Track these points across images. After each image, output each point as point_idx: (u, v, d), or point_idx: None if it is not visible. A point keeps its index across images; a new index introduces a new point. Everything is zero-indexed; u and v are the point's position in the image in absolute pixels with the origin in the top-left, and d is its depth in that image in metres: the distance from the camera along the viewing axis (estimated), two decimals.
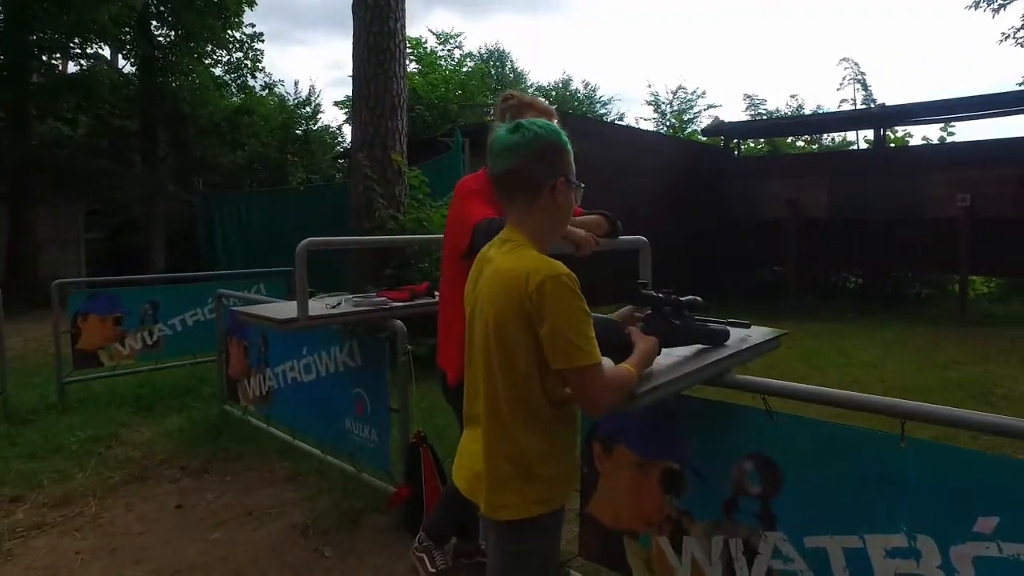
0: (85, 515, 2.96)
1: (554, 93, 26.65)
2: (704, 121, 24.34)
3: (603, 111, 27.22)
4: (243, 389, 3.99)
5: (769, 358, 6.29)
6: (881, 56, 41.56)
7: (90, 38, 12.17)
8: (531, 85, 27.34)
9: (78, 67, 13.06)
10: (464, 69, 23.44)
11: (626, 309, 1.67)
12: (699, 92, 25.99)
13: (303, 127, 20.32)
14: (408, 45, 21.90)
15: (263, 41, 17.52)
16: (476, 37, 55.52)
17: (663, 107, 25.18)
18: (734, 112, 53.86)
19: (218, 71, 17.41)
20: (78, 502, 3.09)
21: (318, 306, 2.78)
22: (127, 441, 3.96)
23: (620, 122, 24.46)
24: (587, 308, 1.25)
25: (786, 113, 20.32)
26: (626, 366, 1.33)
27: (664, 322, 1.55)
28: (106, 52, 14.42)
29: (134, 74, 14.64)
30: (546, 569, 1.41)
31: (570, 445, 1.43)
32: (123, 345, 5.07)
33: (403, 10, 6.83)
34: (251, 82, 18.22)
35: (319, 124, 22.23)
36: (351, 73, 6.87)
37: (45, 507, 3.03)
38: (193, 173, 15.75)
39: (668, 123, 25.02)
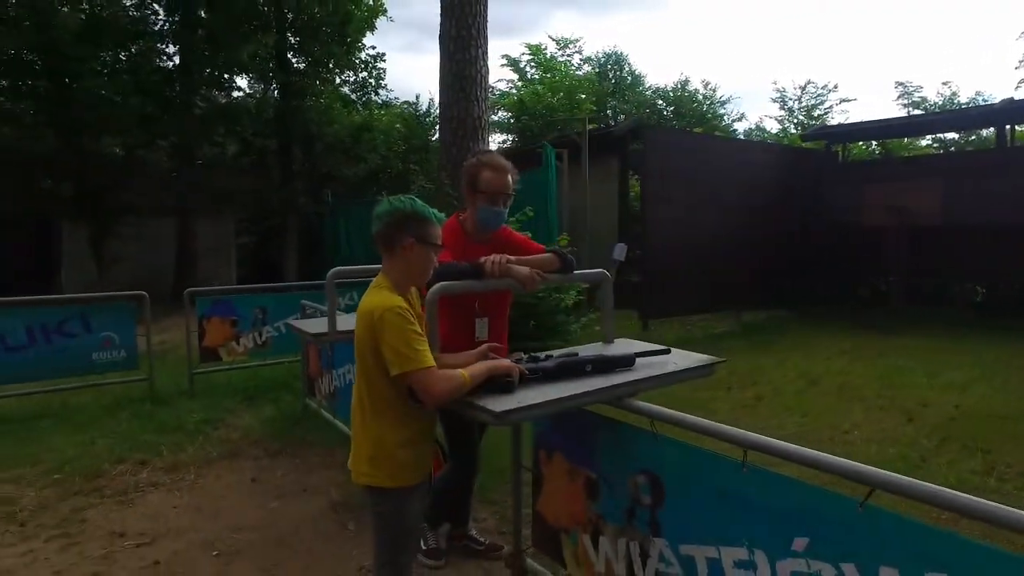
0: (187, 480, 3.75)
1: (671, 94, 26.19)
2: (837, 117, 22.87)
3: (722, 111, 26.39)
4: (318, 386, 4.70)
5: (841, 376, 6.11)
6: None
7: (235, 73, 13.99)
8: (648, 88, 27.06)
9: (227, 98, 15.01)
10: (580, 73, 23.77)
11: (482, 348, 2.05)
12: (830, 86, 24.39)
13: (423, 137, 21.72)
14: (528, 52, 22.72)
15: (385, 60, 19.04)
16: (595, 40, 55.26)
17: (790, 103, 23.97)
18: (875, 105, 49.05)
19: (346, 90, 19.17)
20: (184, 470, 3.90)
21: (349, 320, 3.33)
22: (230, 424, 4.81)
23: (740, 122, 23.63)
24: (416, 329, 1.73)
25: (935, 104, 18.64)
26: (463, 372, 1.75)
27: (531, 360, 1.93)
28: (244, 83, 16.49)
29: (274, 99, 16.54)
30: (403, 532, 1.90)
31: (422, 437, 1.90)
32: (238, 344, 6.04)
33: (485, 38, 7.36)
34: (374, 98, 19.87)
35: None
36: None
37: (161, 471, 3.87)
38: (322, 186, 17.51)
39: (796, 120, 23.80)
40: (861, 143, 12.24)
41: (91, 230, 12.39)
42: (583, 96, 20.53)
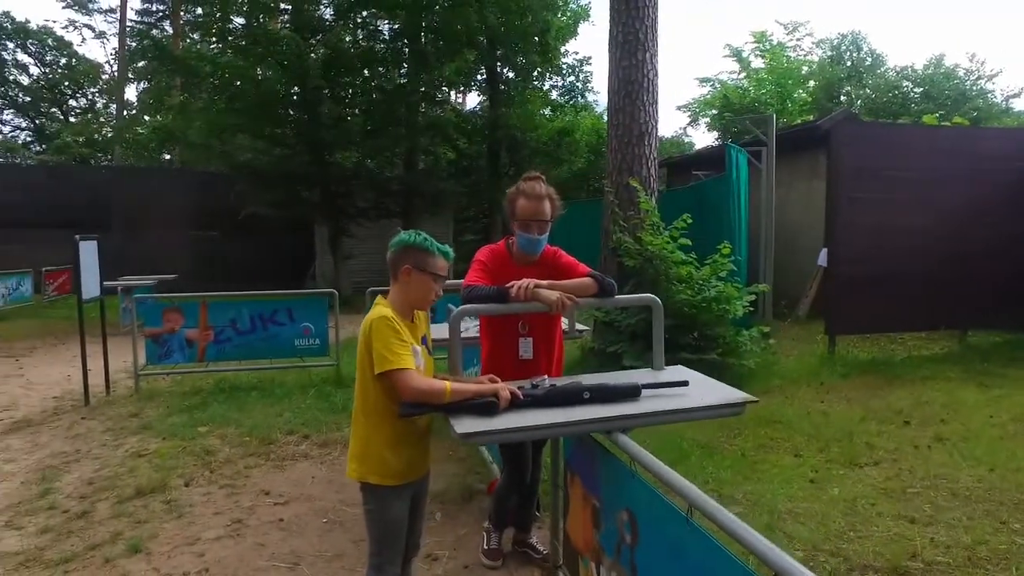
0: (332, 456, 4.43)
1: (922, 74, 22.52)
2: None
3: (991, 86, 21.99)
4: None
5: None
6: None
7: (446, 87, 15.44)
8: (891, 69, 23.64)
9: (441, 111, 16.62)
10: (813, 58, 21.69)
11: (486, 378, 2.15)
12: None
13: None
14: (752, 39, 21.36)
15: (591, 63, 19.41)
16: (825, 22, 49.16)
17: None
18: None
19: (555, 95, 19.95)
20: (333, 447, 4.60)
21: None
22: None
23: (1019, 99, 19.47)
24: (400, 337, 1.96)
25: None
26: (446, 383, 1.94)
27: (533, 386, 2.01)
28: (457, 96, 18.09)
29: (483, 109, 17.86)
30: (386, 530, 2.10)
31: (408, 440, 2.09)
32: None
33: (654, 42, 7.23)
34: (580, 101, 20.36)
35: None
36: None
37: (315, 445, 4.62)
38: None
39: None
40: None
41: (330, 231, 14.68)
42: (811, 83, 18.75)
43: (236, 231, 16.82)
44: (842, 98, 24.15)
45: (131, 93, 27.89)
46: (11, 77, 29.50)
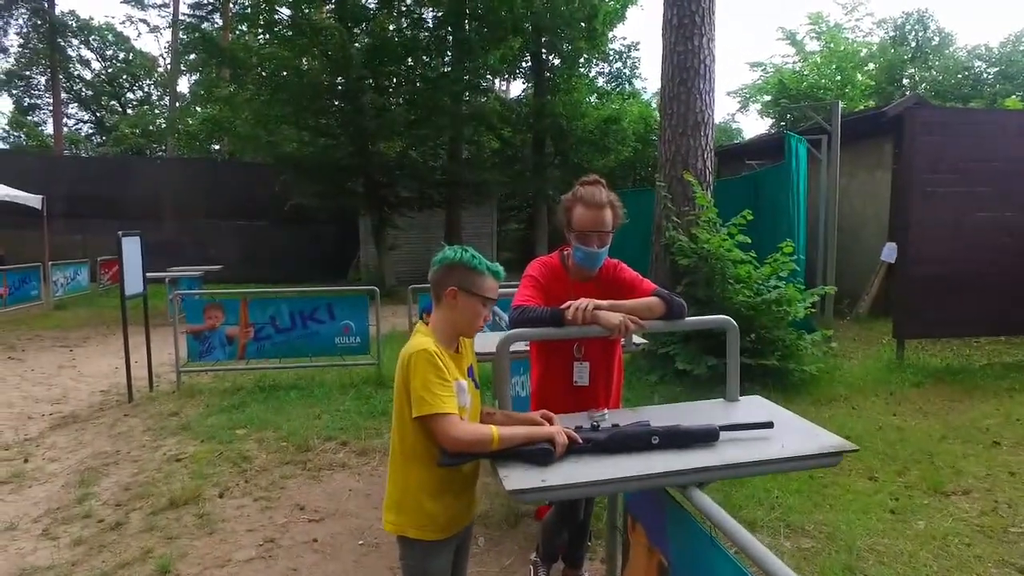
0: (370, 466, 4.25)
1: (996, 53, 21.06)
2: None
3: None
4: None
5: None
6: None
7: (490, 75, 15.14)
8: (961, 48, 22.18)
9: (485, 99, 16.32)
10: (873, 40, 20.57)
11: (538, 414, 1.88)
12: None
13: None
14: (808, 21, 20.37)
15: (639, 49, 18.79)
16: (886, 1, 46.76)
17: None
18: None
19: (601, 81, 19.42)
20: (371, 455, 4.41)
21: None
22: None
23: None
24: (442, 375, 1.69)
25: None
26: (493, 429, 1.66)
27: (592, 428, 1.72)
28: (501, 84, 17.75)
29: (526, 97, 17.50)
30: None
31: (454, 488, 1.82)
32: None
33: (711, 26, 6.78)
34: (628, 88, 19.78)
35: None
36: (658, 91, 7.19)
37: (353, 453, 4.44)
38: (574, 177, 18.08)
39: None
40: None
41: (374, 222, 14.63)
42: (869, 68, 17.72)
43: (282, 222, 17.01)
44: (904, 81, 22.85)
45: (184, 85, 28.55)
46: (75, 72, 30.55)
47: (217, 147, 25.75)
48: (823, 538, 3.27)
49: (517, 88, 21.98)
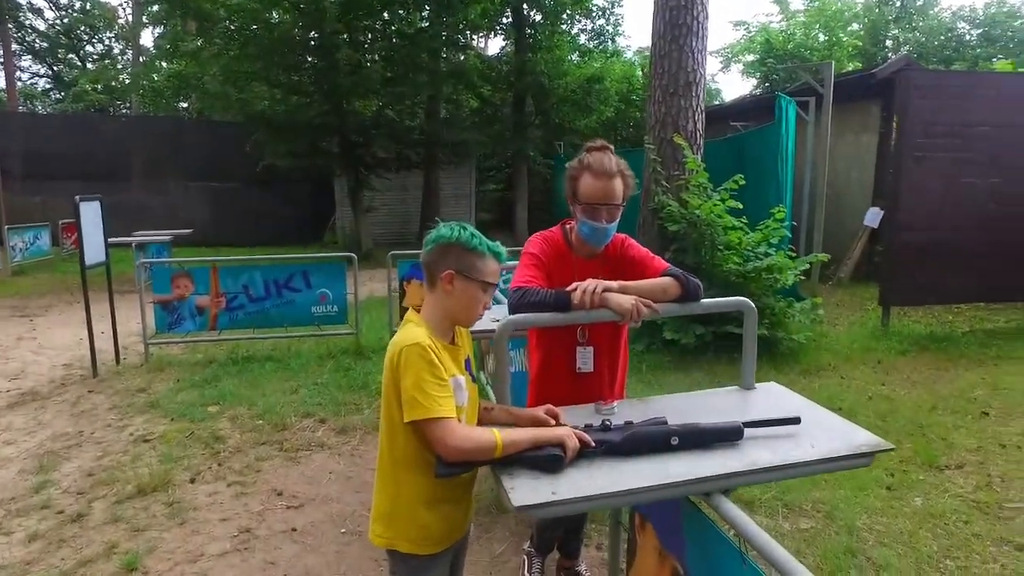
0: (351, 445, 4.06)
1: (981, 15, 20.84)
2: None
3: None
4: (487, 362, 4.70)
5: None
6: None
7: (463, 32, 14.54)
8: (946, 9, 21.93)
9: (464, 56, 15.70)
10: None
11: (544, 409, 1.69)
12: None
13: None
14: None
15: (622, 6, 18.21)
16: None
17: None
18: None
19: (583, 39, 18.85)
20: (352, 432, 4.23)
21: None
22: None
23: None
24: (437, 373, 1.48)
25: None
26: (495, 433, 1.46)
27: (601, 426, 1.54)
28: (481, 41, 17.09)
29: (508, 54, 16.91)
30: None
31: (450, 496, 1.62)
32: None
33: None
34: (611, 46, 19.25)
35: None
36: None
37: (332, 431, 4.25)
38: (555, 138, 17.72)
39: None
40: None
41: (350, 183, 14.16)
42: (853, 28, 17.40)
43: (255, 183, 16.41)
44: (888, 43, 22.61)
45: (147, 39, 27.15)
46: (27, 22, 28.82)
47: (184, 105, 24.64)
48: (822, 518, 3.19)
49: (497, 45, 21.22)
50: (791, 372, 5.61)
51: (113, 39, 32.50)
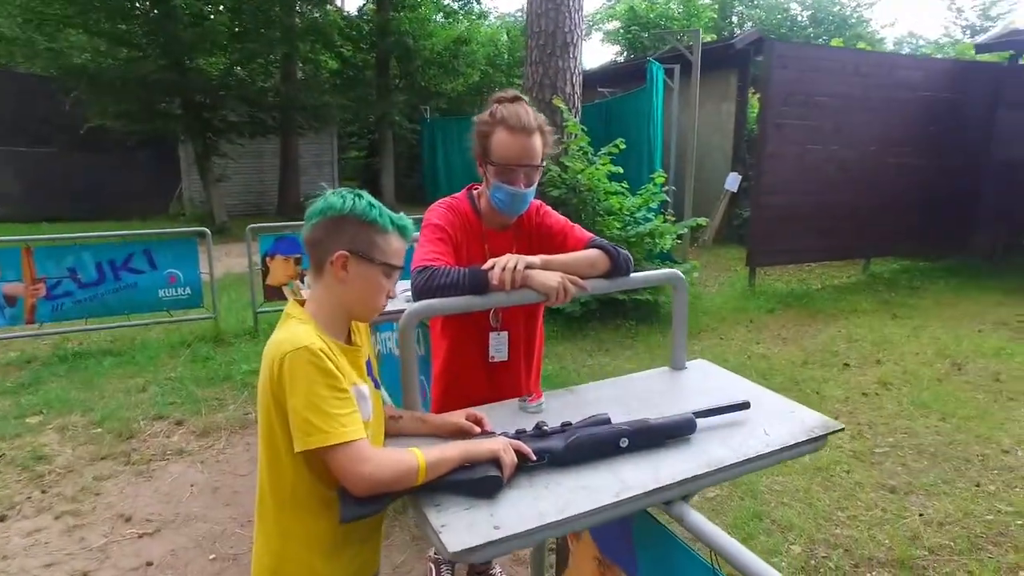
0: (215, 449, 3.51)
1: None
2: None
3: (869, 15, 22.65)
4: None
5: (997, 360, 4.96)
6: None
7: None
8: None
9: (321, 13, 14.48)
10: None
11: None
12: None
13: None
14: None
15: None
16: None
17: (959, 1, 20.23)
18: None
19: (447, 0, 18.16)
20: (216, 434, 3.67)
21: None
22: None
23: (891, 29, 20.18)
24: (335, 383, 1.13)
25: None
26: (415, 451, 1.15)
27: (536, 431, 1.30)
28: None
29: (368, 11, 15.88)
30: None
31: (353, 537, 1.29)
32: (303, 283, 5.78)
33: None
34: (476, 8, 18.74)
35: None
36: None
37: (193, 435, 3.66)
38: (421, 102, 17.02)
39: (966, 23, 20.10)
40: None
41: (197, 149, 12.69)
42: (704, 3, 18.23)
43: (79, 147, 14.21)
44: (733, 19, 24.08)
45: None
46: None
47: None
48: (727, 484, 3.19)
49: (358, 2, 19.90)
50: None
51: None
